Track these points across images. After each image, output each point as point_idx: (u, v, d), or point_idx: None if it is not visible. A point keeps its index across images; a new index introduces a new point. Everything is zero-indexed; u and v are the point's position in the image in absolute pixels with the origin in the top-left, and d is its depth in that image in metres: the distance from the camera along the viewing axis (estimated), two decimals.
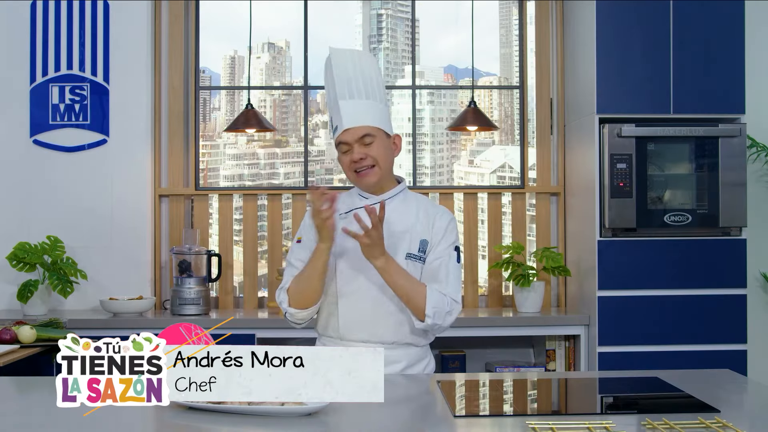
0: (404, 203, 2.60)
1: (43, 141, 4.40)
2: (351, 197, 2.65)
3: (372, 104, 2.55)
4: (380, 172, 2.54)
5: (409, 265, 2.52)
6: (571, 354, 4.26)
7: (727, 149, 4.04)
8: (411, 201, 2.62)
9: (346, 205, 2.62)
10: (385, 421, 1.93)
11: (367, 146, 2.50)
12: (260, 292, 4.62)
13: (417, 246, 2.54)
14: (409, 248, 2.53)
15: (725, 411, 1.94)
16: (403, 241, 2.53)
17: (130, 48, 4.44)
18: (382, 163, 2.53)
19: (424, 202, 2.65)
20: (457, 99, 4.88)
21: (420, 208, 2.60)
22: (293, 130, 4.87)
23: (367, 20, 4.87)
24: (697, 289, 4.03)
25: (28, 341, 3.42)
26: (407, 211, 2.58)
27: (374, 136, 2.51)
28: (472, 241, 4.60)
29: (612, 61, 4.05)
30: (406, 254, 2.53)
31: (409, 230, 2.55)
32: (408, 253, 2.53)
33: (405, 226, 2.55)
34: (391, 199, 2.59)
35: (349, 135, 2.50)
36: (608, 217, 4.01)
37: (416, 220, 2.57)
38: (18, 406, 2.16)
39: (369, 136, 2.50)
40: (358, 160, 2.50)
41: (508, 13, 4.86)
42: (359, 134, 2.50)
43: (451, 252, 2.55)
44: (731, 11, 4.07)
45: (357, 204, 2.60)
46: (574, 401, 2.31)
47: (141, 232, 4.43)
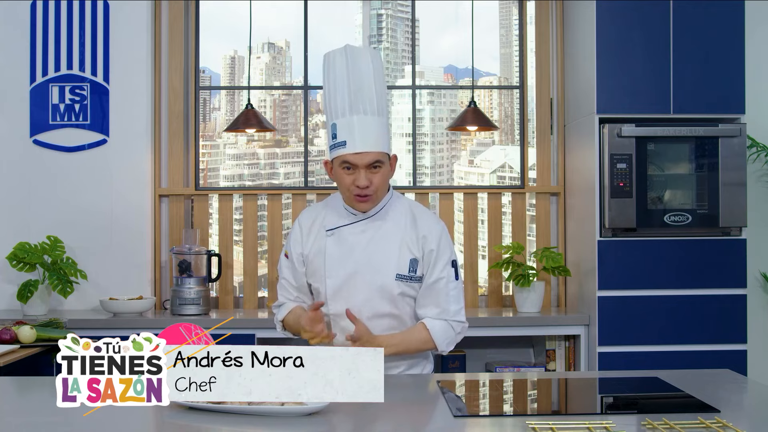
0: (391, 219, 2.55)
1: (43, 141, 4.40)
2: (337, 209, 2.59)
3: (381, 123, 2.48)
4: (377, 199, 2.51)
5: (401, 286, 2.50)
6: (571, 354, 4.26)
7: (727, 149, 4.04)
8: (399, 213, 2.56)
9: (332, 221, 2.57)
10: (385, 421, 1.93)
11: (373, 173, 2.46)
12: (260, 292, 4.62)
13: (407, 266, 2.51)
14: (398, 268, 2.50)
15: (725, 411, 1.94)
16: (391, 262, 2.50)
17: (130, 48, 4.44)
18: (381, 191, 2.50)
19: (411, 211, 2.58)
20: (457, 99, 4.88)
21: (407, 221, 2.54)
22: (293, 130, 4.87)
23: (367, 20, 4.87)
24: (697, 289, 4.03)
25: (28, 341, 3.42)
26: (394, 228, 2.53)
27: (382, 162, 2.47)
28: (472, 241, 4.60)
29: (612, 61, 4.05)
30: (396, 275, 2.50)
31: (398, 249, 2.51)
32: (398, 273, 2.50)
33: (393, 245, 2.51)
34: (377, 215, 2.55)
35: (359, 159, 2.44)
36: (608, 217, 4.01)
37: (403, 238, 2.52)
38: (18, 406, 2.16)
39: (379, 162, 2.46)
40: (363, 187, 2.45)
41: (508, 13, 4.86)
42: (370, 160, 2.44)
43: (449, 271, 2.53)
44: (731, 11, 4.07)
45: (344, 220, 2.56)
46: (574, 401, 2.31)
47: (141, 232, 4.43)
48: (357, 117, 2.45)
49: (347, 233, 2.53)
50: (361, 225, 2.54)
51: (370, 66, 2.49)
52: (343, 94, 2.47)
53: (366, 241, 2.52)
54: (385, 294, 2.49)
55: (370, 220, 2.55)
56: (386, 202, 2.56)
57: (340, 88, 2.48)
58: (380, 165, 2.46)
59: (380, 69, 2.52)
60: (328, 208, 2.61)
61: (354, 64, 2.48)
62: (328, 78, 2.52)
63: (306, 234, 2.58)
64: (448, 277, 2.53)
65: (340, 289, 2.49)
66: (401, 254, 2.51)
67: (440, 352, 2.54)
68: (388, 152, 2.51)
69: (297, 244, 2.59)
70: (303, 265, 2.58)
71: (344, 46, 2.52)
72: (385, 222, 2.54)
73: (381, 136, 2.47)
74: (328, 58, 2.53)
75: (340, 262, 2.50)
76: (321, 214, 2.60)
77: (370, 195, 2.48)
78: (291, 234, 2.64)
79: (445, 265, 2.53)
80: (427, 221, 2.56)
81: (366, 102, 2.46)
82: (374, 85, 2.48)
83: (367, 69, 2.48)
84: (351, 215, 2.56)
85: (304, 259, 2.58)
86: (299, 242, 2.58)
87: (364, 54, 2.51)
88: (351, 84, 2.47)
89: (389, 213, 2.56)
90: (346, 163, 2.46)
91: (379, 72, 2.51)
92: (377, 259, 2.49)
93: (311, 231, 2.58)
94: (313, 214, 2.62)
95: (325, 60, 2.55)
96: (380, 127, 2.47)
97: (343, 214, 2.57)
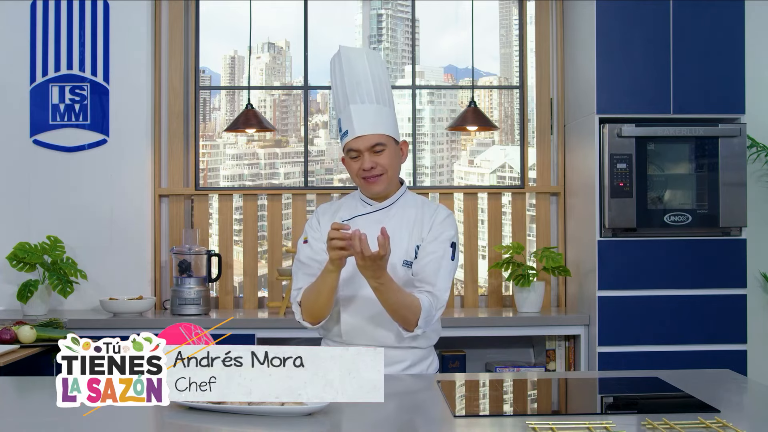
0: (404, 209, 2.62)
1: (43, 141, 4.40)
2: (353, 201, 2.67)
3: (383, 110, 2.56)
4: (388, 180, 2.56)
5: (408, 272, 2.53)
6: (571, 354, 4.26)
7: (727, 149, 4.04)
8: (410, 205, 2.63)
9: (349, 211, 2.63)
10: (385, 421, 1.93)
11: (377, 155, 2.52)
12: (260, 292, 4.62)
13: (413, 253, 2.55)
14: (407, 255, 2.55)
15: (725, 411, 1.94)
16: (401, 249, 2.54)
17: (130, 48, 4.44)
18: (390, 171, 2.55)
19: (422, 204, 2.65)
20: (457, 99, 4.88)
21: (419, 212, 2.61)
22: (293, 130, 4.87)
23: (367, 20, 4.87)
24: (697, 289, 4.03)
25: (28, 341, 3.42)
26: (407, 218, 2.60)
27: (385, 145, 2.53)
28: (472, 241, 4.60)
29: (612, 61, 4.05)
30: (403, 261, 2.54)
31: (407, 237, 2.56)
32: (405, 260, 2.54)
33: (403, 233, 2.57)
34: (393, 205, 2.62)
35: (360, 143, 2.51)
36: (608, 217, 4.01)
37: (413, 226, 2.58)
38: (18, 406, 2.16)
39: (380, 144, 2.52)
40: (368, 169, 2.52)
41: (508, 13, 4.86)
42: (371, 143, 2.51)
43: (446, 248, 2.54)
44: (731, 11, 4.07)
45: (360, 210, 2.62)
46: (574, 401, 2.31)
47: (141, 232, 4.43)
48: (354, 106, 2.54)
49: (361, 222, 2.56)
50: (377, 215, 2.60)
51: (365, 62, 2.58)
52: (343, 90, 2.58)
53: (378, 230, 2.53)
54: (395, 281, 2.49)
55: (385, 210, 2.60)
56: (401, 194, 2.63)
57: (340, 86, 2.59)
58: (383, 148, 2.52)
59: (377, 64, 2.60)
60: (345, 202, 2.69)
61: (349, 64, 2.58)
62: (332, 79, 2.64)
63: (324, 222, 2.63)
64: (444, 252, 2.54)
65: (351, 276, 2.50)
66: (410, 241, 2.56)
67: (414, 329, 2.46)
68: (393, 136, 2.57)
69: (314, 227, 2.64)
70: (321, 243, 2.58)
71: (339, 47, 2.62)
72: (399, 211, 2.60)
73: (380, 121, 2.54)
74: (332, 61, 2.65)
75: None
76: (337, 207, 2.69)
77: (378, 175, 2.53)
78: (309, 222, 2.69)
79: (444, 240, 2.55)
80: (436, 208, 2.64)
81: (364, 93, 2.55)
82: (371, 78, 2.56)
83: (362, 65, 2.57)
84: (367, 205, 2.62)
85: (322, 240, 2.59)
86: (317, 229, 2.64)
87: (358, 52, 2.62)
88: (348, 80, 2.56)
89: (402, 204, 2.63)
90: (351, 152, 2.54)
91: (376, 67, 2.59)
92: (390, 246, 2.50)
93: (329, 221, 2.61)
94: (331, 207, 2.70)
95: (330, 65, 2.66)
96: (378, 112, 2.55)
97: (359, 206, 2.64)
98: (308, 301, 2.54)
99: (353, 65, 2.57)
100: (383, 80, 2.60)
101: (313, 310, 2.52)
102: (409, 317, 2.45)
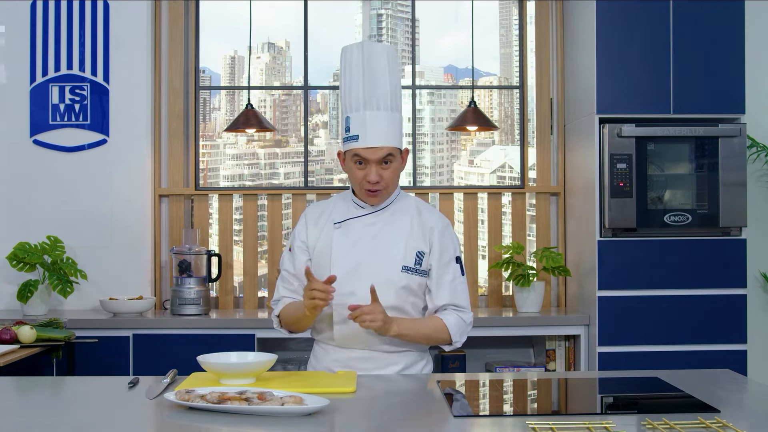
0: (398, 213, 2.59)
1: (43, 141, 4.40)
2: (345, 202, 2.63)
3: (395, 117, 2.52)
4: (388, 194, 2.56)
5: (406, 278, 2.52)
6: (571, 354, 4.26)
7: (727, 149, 4.04)
8: (404, 209, 2.60)
9: (341, 213, 2.60)
10: (385, 421, 1.93)
11: (384, 168, 2.49)
12: (260, 292, 4.62)
13: (413, 258, 2.53)
14: (405, 260, 2.52)
15: (725, 411, 1.94)
16: (398, 254, 2.52)
17: (130, 48, 4.44)
18: (391, 186, 2.54)
19: (417, 207, 2.62)
20: (457, 99, 4.88)
21: (414, 216, 2.59)
22: (293, 130, 4.87)
23: (367, 20, 4.87)
24: (697, 289, 4.03)
25: (28, 341, 3.41)
26: (401, 222, 2.57)
27: (394, 156, 2.50)
28: (472, 241, 4.60)
29: (612, 61, 4.05)
30: (402, 266, 2.52)
31: (404, 242, 2.54)
32: (404, 265, 2.52)
33: (399, 237, 2.55)
34: (386, 208, 2.59)
35: (370, 153, 2.47)
36: (608, 217, 4.01)
37: (410, 231, 2.56)
38: (18, 406, 2.16)
39: (390, 156, 2.49)
40: (373, 182, 2.49)
41: (508, 13, 4.86)
42: (381, 155, 2.48)
43: (455, 268, 2.57)
44: (731, 11, 4.07)
45: (352, 212, 2.59)
46: (574, 401, 2.31)
47: (141, 232, 4.43)
48: (370, 113, 2.49)
49: (354, 225, 2.55)
50: (369, 218, 2.57)
51: (386, 64, 2.52)
52: (358, 90, 2.51)
53: (373, 233, 2.54)
54: (390, 286, 2.49)
55: (378, 213, 2.58)
56: (395, 197, 2.61)
57: (356, 84, 2.52)
58: (392, 159, 2.50)
59: (396, 66, 2.56)
60: (338, 202, 2.65)
61: (369, 62, 2.51)
62: (345, 72, 2.56)
63: (312, 226, 2.61)
64: (454, 275, 2.56)
65: (345, 279, 2.50)
66: (408, 246, 2.54)
67: (454, 343, 2.54)
68: (400, 147, 2.55)
69: (301, 233, 2.61)
70: (305, 254, 2.59)
71: (361, 42, 2.56)
72: (392, 215, 2.58)
73: (393, 132, 2.51)
74: (345, 53, 2.56)
75: (347, 252, 2.52)
76: (329, 208, 2.64)
77: (380, 190, 2.51)
78: (296, 226, 2.67)
79: (450, 259, 2.57)
80: (433, 215, 2.62)
81: (380, 98, 2.50)
82: (389, 82, 2.52)
83: (382, 67, 2.52)
84: (359, 208, 2.59)
85: (307, 248, 2.59)
86: (303, 232, 2.61)
87: (380, 52, 2.54)
88: (366, 80, 2.50)
89: (397, 207, 2.60)
90: (357, 157, 2.50)
91: (394, 69, 2.54)
92: (383, 250, 2.51)
93: (318, 224, 2.61)
94: (320, 209, 2.65)
95: (342, 53, 2.58)
96: (393, 122, 2.51)
97: (352, 208, 2.60)
98: (287, 320, 2.61)
99: (374, 65, 2.51)
100: (398, 83, 2.55)
101: (292, 328, 2.62)
102: (443, 337, 2.54)
